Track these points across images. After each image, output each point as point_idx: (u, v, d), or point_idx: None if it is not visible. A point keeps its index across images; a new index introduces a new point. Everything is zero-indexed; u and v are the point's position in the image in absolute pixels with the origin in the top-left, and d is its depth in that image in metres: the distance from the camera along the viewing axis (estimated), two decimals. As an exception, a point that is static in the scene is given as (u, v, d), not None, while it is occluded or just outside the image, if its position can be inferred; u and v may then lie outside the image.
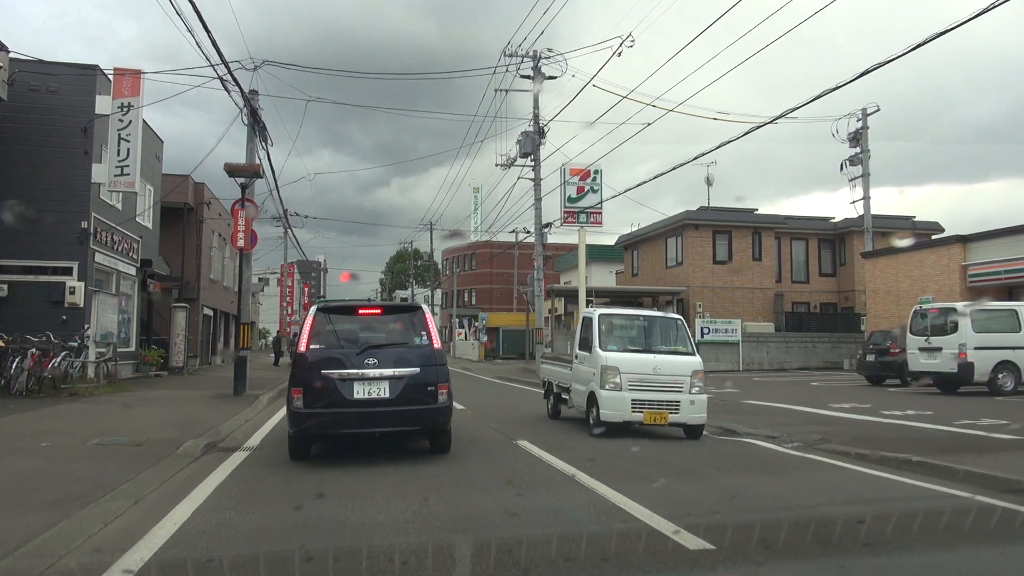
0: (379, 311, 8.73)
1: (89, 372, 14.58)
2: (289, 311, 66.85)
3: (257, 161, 15.84)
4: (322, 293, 69.18)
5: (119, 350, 18.32)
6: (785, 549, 4.48)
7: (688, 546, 4.41)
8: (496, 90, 28.65)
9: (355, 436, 7.80)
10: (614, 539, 4.65)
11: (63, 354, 13.53)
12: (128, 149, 16.10)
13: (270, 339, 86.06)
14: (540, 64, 27.67)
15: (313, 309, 8.06)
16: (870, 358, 18.96)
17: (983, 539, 4.91)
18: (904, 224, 32.61)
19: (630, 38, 18.25)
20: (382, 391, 7.32)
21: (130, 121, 16.16)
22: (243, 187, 15.17)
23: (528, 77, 27.78)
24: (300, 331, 8.01)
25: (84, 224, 15.97)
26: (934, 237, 29.80)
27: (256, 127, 16.16)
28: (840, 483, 7.02)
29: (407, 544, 4.49)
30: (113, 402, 12.67)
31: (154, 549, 4.37)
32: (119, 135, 16.10)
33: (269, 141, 17.05)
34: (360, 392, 7.29)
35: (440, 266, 76.98)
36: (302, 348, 7.62)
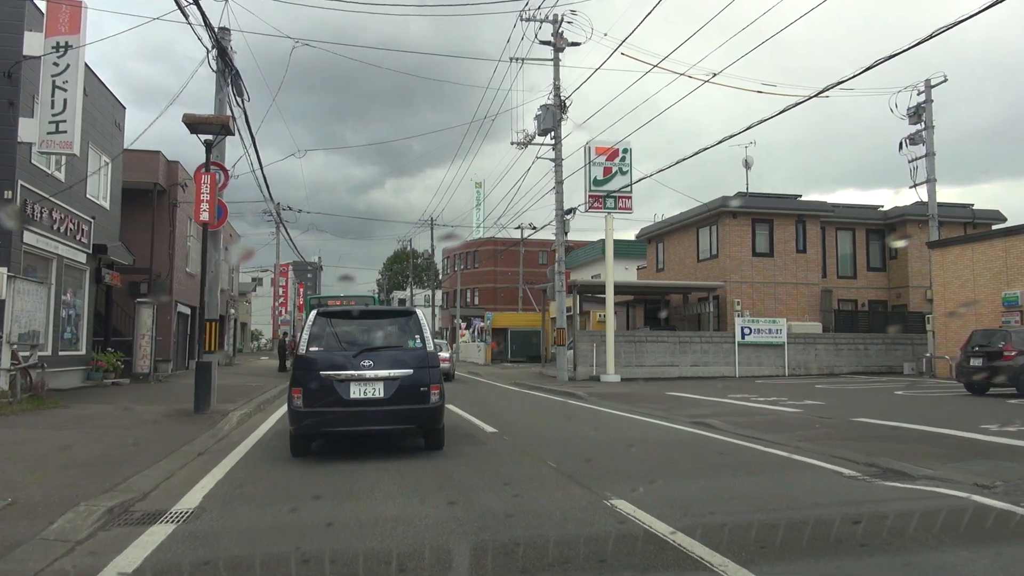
0: (375, 315, 9.35)
1: (2, 383, 11.20)
2: (283, 312, 63.49)
3: (228, 113, 12.51)
4: (318, 291, 65.67)
5: (62, 353, 15.00)
6: None
7: None
8: (511, 59, 25.38)
9: (352, 434, 7.97)
10: None
11: (-40, 360, 10.18)
12: (65, 100, 12.76)
13: (263, 340, 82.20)
14: (562, 29, 24.45)
15: (314, 314, 8.21)
16: (975, 362, 15.67)
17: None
18: (963, 213, 29.36)
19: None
20: (377, 391, 7.52)
21: (67, 65, 12.82)
22: (208, 145, 11.82)
23: (548, 43, 24.50)
24: (300, 333, 8.37)
25: (8, 194, 12.61)
26: (995, 227, 26.71)
27: (227, 72, 12.82)
28: None
29: None
30: (20, 426, 9.30)
31: None
32: (54, 82, 12.76)
33: (245, 95, 13.72)
34: (356, 392, 7.50)
35: (441, 264, 73.66)
36: (302, 350, 7.79)
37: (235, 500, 5.89)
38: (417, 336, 8.08)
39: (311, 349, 7.75)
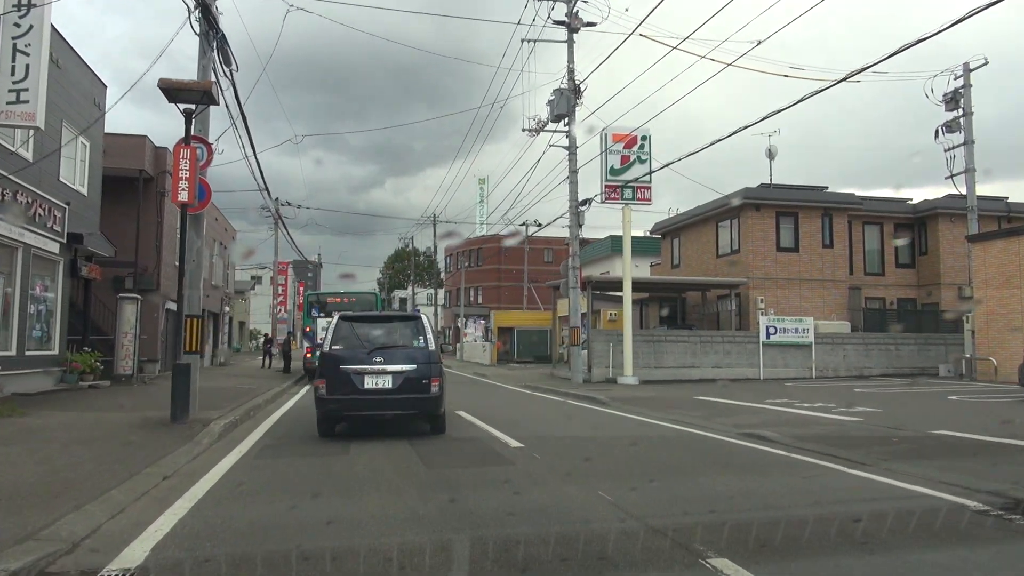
0: (387, 319, 10.57)
1: (-55, 388, 9.74)
2: (282, 311, 61.84)
3: (212, 78, 11.00)
4: (318, 288, 63.98)
5: (29, 353, 13.50)
6: None
7: None
8: (523, 40, 23.88)
9: (366, 418, 9.28)
10: None
11: None
12: (27, 66, 11.27)
13: (262, 339, 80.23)
14: (576, 8, 22.93)
15: (337, 317, 9.69)
16: (1045, 365, 14.18)
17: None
18: (997, 206, 27.76)
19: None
20: (386, 382, 8.91)
21: (31, 26, 11.33)
22: (188, 116, 10.30)
23: (562, 23, 23.00)
24: (326, 335, 9.55)
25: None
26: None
27: (212, 35, 11.31)
28: None
29: None
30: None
31: None
32: (14, 45, 11.27)
33: (233, 63, 12.21)
34: (369, 383, 8.91)
35: (444, 263, 72.15)
36: (326, 348, 9.27)
37: (195, 551, 4.36)
38: (421, 337, 9.48)
39: (334, 347, 9.15)
